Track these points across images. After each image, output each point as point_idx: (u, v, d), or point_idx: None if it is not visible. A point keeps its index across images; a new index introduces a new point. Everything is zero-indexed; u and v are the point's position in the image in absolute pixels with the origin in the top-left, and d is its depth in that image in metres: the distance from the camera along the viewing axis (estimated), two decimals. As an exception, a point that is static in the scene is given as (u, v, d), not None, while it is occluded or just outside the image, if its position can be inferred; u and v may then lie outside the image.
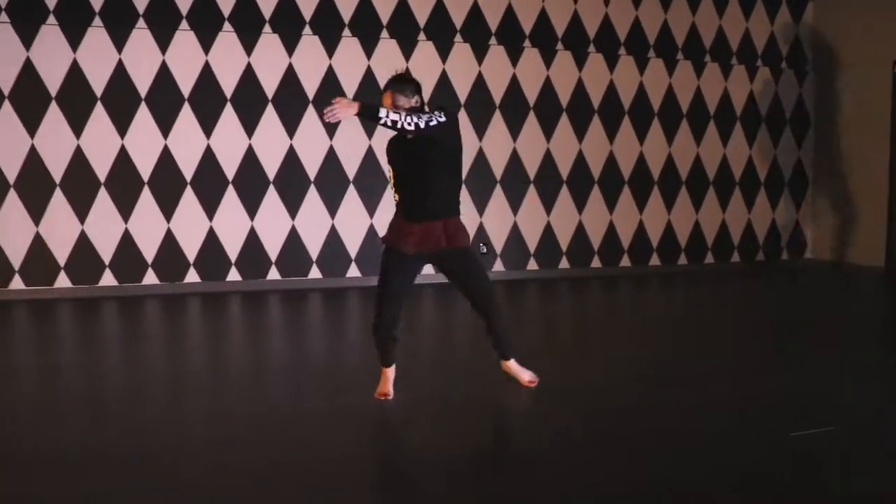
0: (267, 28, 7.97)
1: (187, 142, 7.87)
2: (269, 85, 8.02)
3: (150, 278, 7.89)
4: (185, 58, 7.80)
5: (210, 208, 7.98)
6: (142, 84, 7.72)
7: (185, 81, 7.82)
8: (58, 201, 7.61)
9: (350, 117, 3.63)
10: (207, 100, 7.86)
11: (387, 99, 3.94)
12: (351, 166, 8.27)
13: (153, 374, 4.90)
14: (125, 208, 7.77)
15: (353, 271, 8.37)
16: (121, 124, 7.71)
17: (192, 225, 7.95)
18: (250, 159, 8.02)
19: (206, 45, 7.83)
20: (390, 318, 4.11)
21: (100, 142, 7.67)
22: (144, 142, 7.77)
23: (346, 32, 8.19)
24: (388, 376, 4.27)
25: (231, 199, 8.02)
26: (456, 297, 4.73)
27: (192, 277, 7.99)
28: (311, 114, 8.10)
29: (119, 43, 7.63)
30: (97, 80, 7.62)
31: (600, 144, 9.11)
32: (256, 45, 7.96)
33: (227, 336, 6.26)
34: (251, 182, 8.05)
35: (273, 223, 8.14)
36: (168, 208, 7.87)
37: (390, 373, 4.28)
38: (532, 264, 8.96)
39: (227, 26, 7.87)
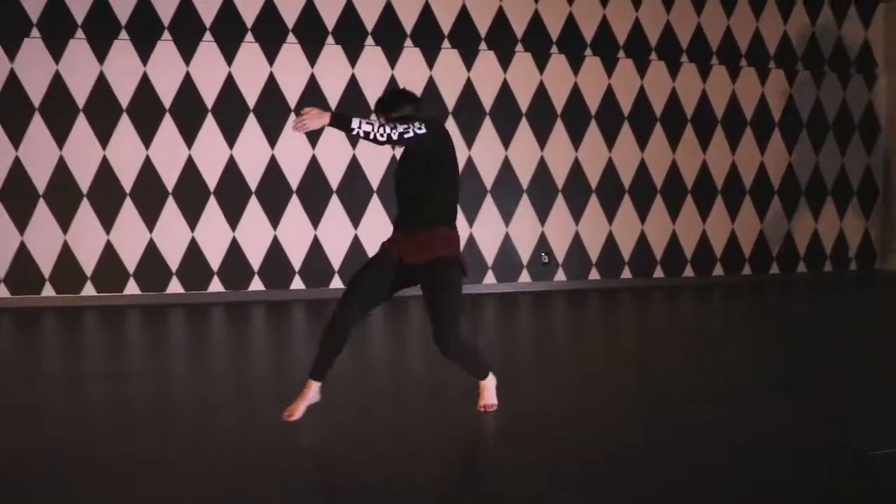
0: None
1: (253, 152, 8.00)
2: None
3: (215, 286, 8.04)
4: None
5: (275, 217, 8.11)
6: (209, 95, 7.89)
7: (251, 93, 7.98)
8: (128, 210, 7.83)
9: (319, 127, 3.45)
10: (270, 110, 7.99)
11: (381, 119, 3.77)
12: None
13: (232, 381, 4.96)
14: (192, 217, 7.95)
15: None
16: (188, 134, 7.88)
17: (257, 233, 8.08)
18: (314, 169, 8.11)
19: (270, 56, 7.99)
20: (341, 319, 3.77)
21: (167, 151, 7.86)
22: (209, 151, 7.94)
23: (408, 42, 8.25)
24: (309, 393, 3.92)
25: (295, 207, 8.13)
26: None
27: (256, 286, 8.11)
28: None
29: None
30: (166, 91, 7.82)
31: (662, 153, 8.99)
32: (319, 56, 8.08)
33: (295, 343, 6.32)
34: (314, 190, 8.15)
35: (336, 231, 8.23)
36: (233, 217, 8.02)
37: (314, 389, 3.93)
38: (594, 274, 8.88)
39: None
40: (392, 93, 3.88)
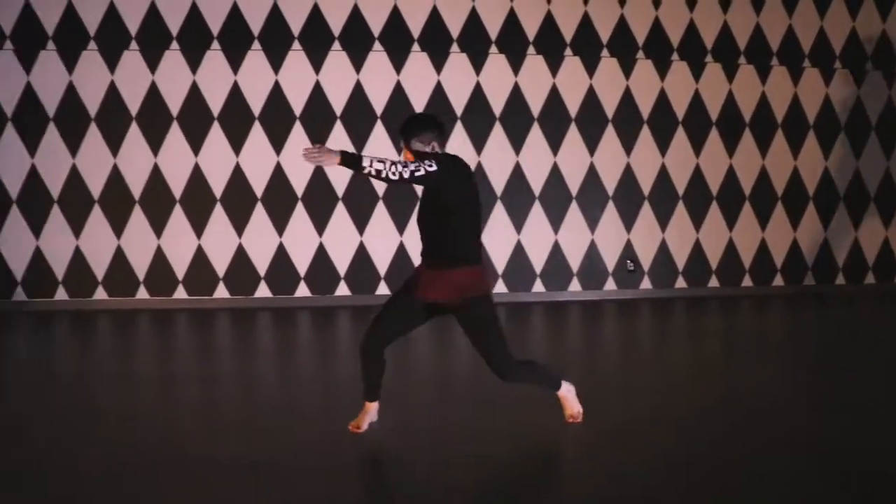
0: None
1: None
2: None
3: (302, 290, 8.16)
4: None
5: (361, 224, 8.22)
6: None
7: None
8: (218, 215, 8.02)
9: (331, 166, 3.45)
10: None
11: (405, 154, 3.71)
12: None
13: (317, 385, 5.00)
14: (280, 223, 8.09)
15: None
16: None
17: (344, 239, 8.20)
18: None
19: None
20: (371, 348, 3.78)
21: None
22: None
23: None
24: (372, 412, 3.95)
25: (382, 213, 8.21)
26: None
27: (342, 290, 8.20)
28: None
29: (276, 65, 7.99)
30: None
31: (751, 159, 8.77)
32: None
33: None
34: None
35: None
36: (321, 223, 8.14)
37: (374, 409, 3.95)
38: (680, 282, 8.71)
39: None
40: (412, 118, 3.79)
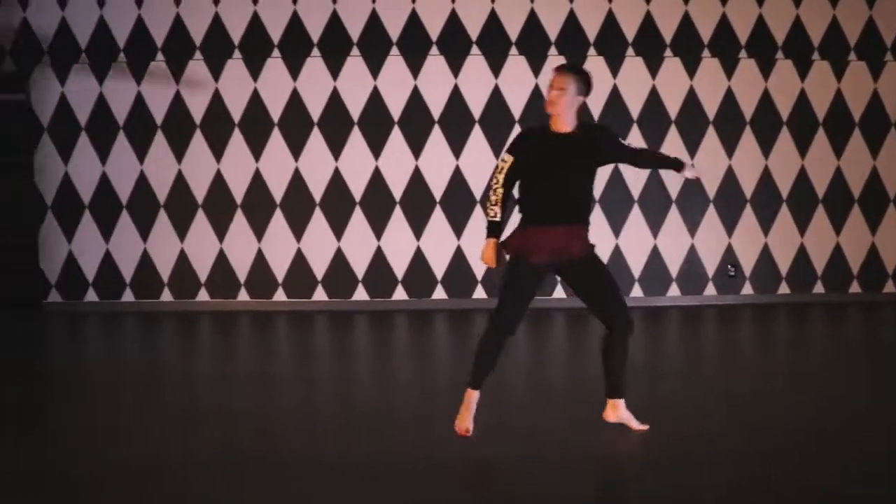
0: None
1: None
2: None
3: (399, 294, 8.24)
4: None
5: (458, 228, 8.26)
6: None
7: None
8: (317, 219, 8.17)
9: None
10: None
11: (561, 78, 3.89)
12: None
13: (411, 388, 5.03)
14: (378, 227, 8.19)
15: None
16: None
17: (441, 243, 8.25)
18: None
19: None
20: (508, 332, 3.90)
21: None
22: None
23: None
24: (471, 404, 3.94)
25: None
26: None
27: (439, 294, 8.24)
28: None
29: (375, 70, 8.10)
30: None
31: (861, 159, 8.43)
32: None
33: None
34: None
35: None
36: (418, 227, 8.22)
37: (475, 399, 3.95)
38: (783, 288, 8.45)
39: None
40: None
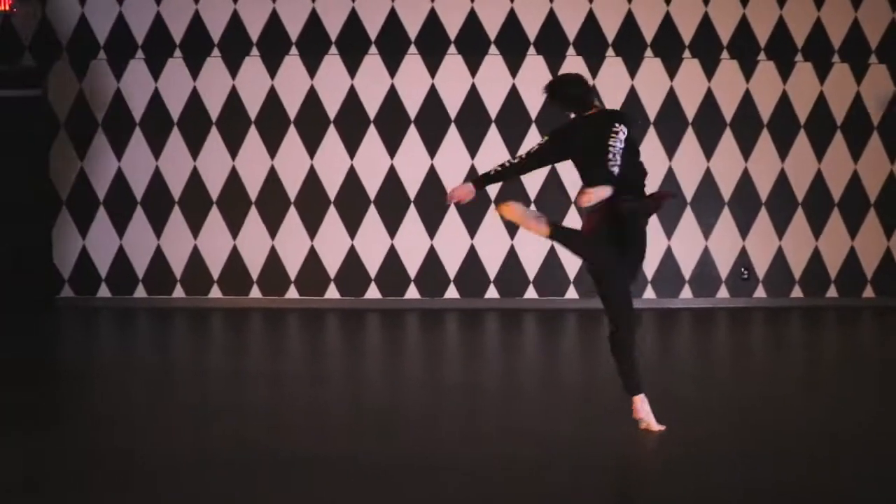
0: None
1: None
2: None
3: (411, 292, 8.24)
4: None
5: (471, 228, 8.22)
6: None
7: (454, 103, 8.13)
8: (331, 217, 8.17)
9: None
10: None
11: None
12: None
13: (437, 388, 5.03)
14: (392, 225, 8.17)
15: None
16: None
17: (454, 243, 8.23)
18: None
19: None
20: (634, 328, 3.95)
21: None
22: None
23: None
24: (645, 404, 3.93)
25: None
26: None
27: (451, 293, 8.25)
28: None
29: (392, 69, 8.07)
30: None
31: (878, 163, 8.37)
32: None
33: (489, 353, 6.36)
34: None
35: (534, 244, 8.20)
36: (432, 226, 8.21)
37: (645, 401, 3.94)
38: (796, 291, 8.42)
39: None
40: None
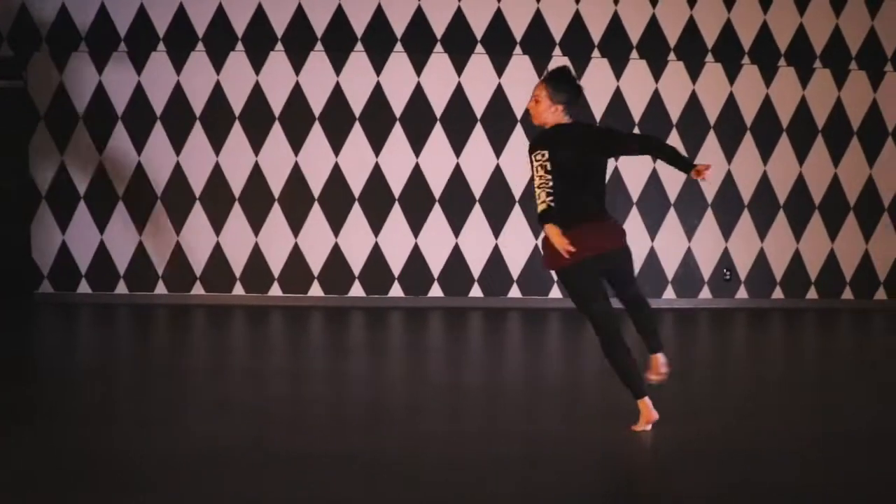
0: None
1: (436, 161, 8.18)
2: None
3: (395, 291, 8.22)
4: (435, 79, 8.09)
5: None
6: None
7: (439, 101, 8.11)
8: (315, 215, 8.13)
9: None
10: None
11: (538, 90, 4.09)
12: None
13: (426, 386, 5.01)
14: (376, 223, 8.16)
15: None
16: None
17: (439, 241, 8.23)
18: (497, 178, 8.18)
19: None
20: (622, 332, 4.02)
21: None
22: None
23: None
24: (650, 406, 4.02)
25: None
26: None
27: (435, 292, 8.23)
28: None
29: (378, 67, 8.04)
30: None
31: (857, 168, 8.49)
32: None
33: (505, 351, 6.35)
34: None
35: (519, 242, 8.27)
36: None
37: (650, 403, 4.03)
38: (777, 293, 8.51)
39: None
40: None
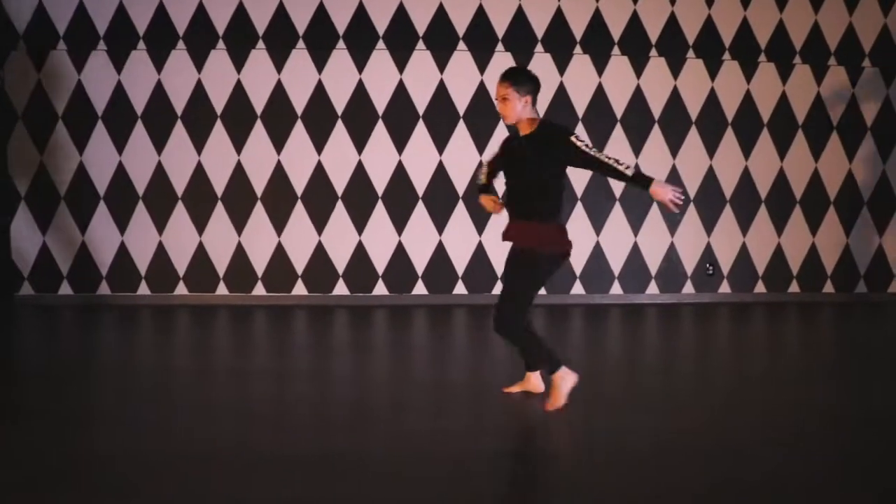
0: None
1: (419, 159, 8.15)
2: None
3: (380, 289, 8.21)
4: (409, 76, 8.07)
5: (440, 225, 8.23)
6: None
7: (421, 99, 8.10)
8: (298, 213, 8.10)
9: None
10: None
11: (500, 89, 4.23)
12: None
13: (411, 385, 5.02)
14: (360, 222, 8.15)
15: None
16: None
17: (423, 240, 8.22)
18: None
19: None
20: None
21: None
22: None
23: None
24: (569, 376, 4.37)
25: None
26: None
27: (419, 289, 8.23)
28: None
29: (360, 64, 8.00)
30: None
31: (837, 163, 8.56)
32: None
33: (489, 349, 6.36)
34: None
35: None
36: (400, 223, 8.17)
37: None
38: (759, 287, 8.57)
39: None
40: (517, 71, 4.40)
